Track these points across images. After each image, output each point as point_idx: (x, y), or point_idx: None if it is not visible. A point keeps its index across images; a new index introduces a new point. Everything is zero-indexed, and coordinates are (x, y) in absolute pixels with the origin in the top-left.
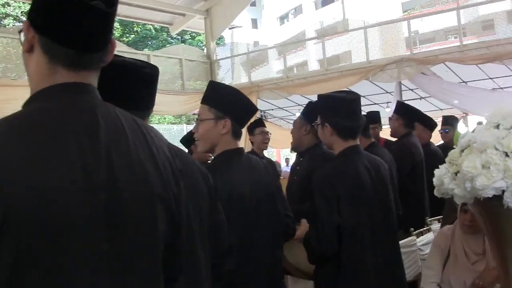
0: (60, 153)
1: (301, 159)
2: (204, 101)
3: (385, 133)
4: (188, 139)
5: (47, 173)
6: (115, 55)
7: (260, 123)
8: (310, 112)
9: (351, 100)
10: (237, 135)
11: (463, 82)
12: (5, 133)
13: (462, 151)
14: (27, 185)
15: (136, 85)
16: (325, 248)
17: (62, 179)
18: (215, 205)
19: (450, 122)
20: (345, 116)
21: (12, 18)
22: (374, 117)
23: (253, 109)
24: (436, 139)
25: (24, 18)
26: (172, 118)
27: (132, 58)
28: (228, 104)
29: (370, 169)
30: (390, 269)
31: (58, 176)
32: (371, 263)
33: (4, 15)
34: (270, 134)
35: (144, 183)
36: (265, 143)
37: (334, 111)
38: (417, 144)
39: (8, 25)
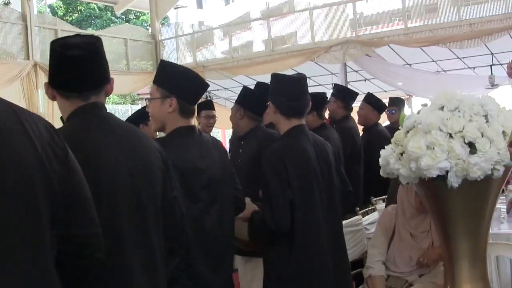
0: None
1: (242, 142)
2: (154, 81)
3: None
4: (133, 119)
5: None
6: (66, 37)
7: (206, 105)
8: (243, 96)
9: (296, 79)
10: (186, 113)
11: (407, 64)
12: None
13: (408, 132)
14: None
15: (63, 68)
16: (280, 224)
17: None
18: (170, 181)
19: (396, 103)
20: (289, 96)
21: None
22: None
23: (202, 87)
24: (382, 120)
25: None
26: (117, 98)
27: (75, 35)
28: (174, 83)
29: (315, 148)
30: (338, 243)
31: None
32: (323, 238)
33: None
34: (216, 118)
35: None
36: (208, 126)
37: (279, 90)
38: (356, 127)
39: None
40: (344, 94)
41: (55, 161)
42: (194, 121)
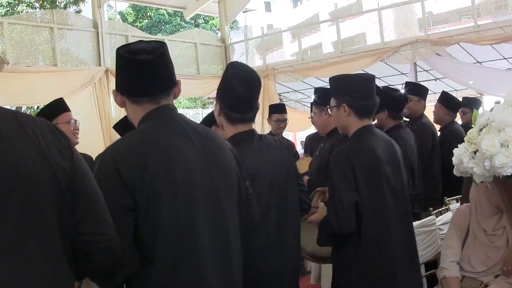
0: None
1: (324, 138)
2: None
3: None
4: (206, 122)
5: None
6: (127, 44)
7: (277, 109)
8: (322, 96)
9: (367, 79)
10: (232, 120)
11: (478, 62)
12: None
13: (481, 130)
14: None
15: (132, 74)
16: (343, 226)
17: None
18: (244, 180)
19: (467, 104)
20: (362, 96)
21: (26, 5)
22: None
23: (241, 97)
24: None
25: (37, 5)
26: (188, 102)
27: (138, 42)
28: (220, 90)
29: (384, 148)
30: (410, 243)
31: None
32: (390, 240)
33: (17, 2)
34: (287, 121)
35: (19, 164)
36: (279, 129)
37: (351, 91)
38: (433, 124)
39: (21, 11)
40: (425, 93)
41: (62, 161)
42: (253, 124)
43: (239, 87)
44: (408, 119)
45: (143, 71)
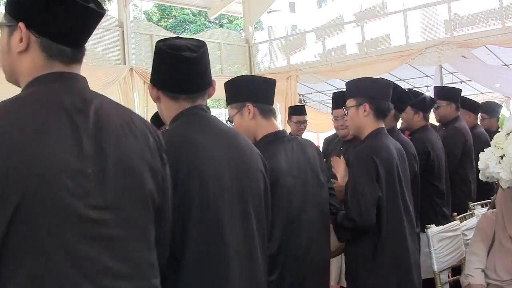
0: (58, 127)
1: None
2: (227, 103)
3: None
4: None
5: (47, 145)
6: (168, 38)
7: (297, 110)
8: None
9: (386, 83)
10: (267, 114)
11: (505, 65)
12: (11, 112)
13: (508, 134)
14: (31, 155)
15: (174, 69)
16: (366, 219)
17: (56, 152)
18: (268, 188)
19: (486, 110)
20: (381, 98)
21: None
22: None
23: (267, 81)
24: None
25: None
26: (211, 102)
27: (176, 37)
28: (239, 92)
29: (395, 149)
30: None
31: (53, 148)
32: (406, 232)
33: None
34: (307, 123)
35: (128, 159)
36: (299, 131)
37: (372, 92)
38: (468, 128)
39: None
40: (456, 95)
41: (159, 162)
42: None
43: (261, 79)
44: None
45: (185, 67)
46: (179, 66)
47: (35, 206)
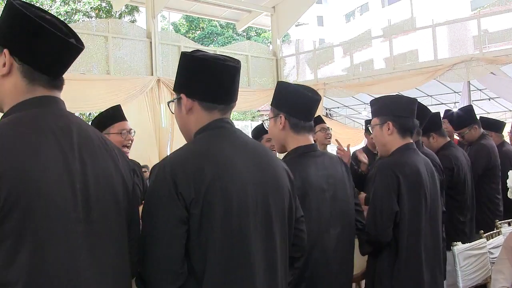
0: (47, 148)
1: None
2: (271, 101)
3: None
4: (255, 135)
5: (37, 164)
6: (195, 50)
7: (318, 120)
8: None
9: (409, 100)
10: (298, 130)
11: None
12: (4, 136)
13: None
14: (21, 172)
15: (217, 78)
16: (380, 234)
17: (49, 170)
18: (295, 200)
19: None
20: (405, 115)
21: (82, 14)
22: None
23: (311, 98)
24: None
25: (93, 14)
26: (237, 114)
27: (215, 54)
28: (282, 101)
29: (424, 166)
30: (436, 262)
31: (46, 166)
32: (424, 252)
33: (74, 11)
34: (331, 129)
35: (107, 176)
36: (327, 139)
37: (395, 110)
38: (494, 146)
39: (77, 21)
40: (472, 116)
41: (130, 182)
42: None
43: (308, 90)
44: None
45: (228, 77)
46: (223, 76)
47: (29, 220)
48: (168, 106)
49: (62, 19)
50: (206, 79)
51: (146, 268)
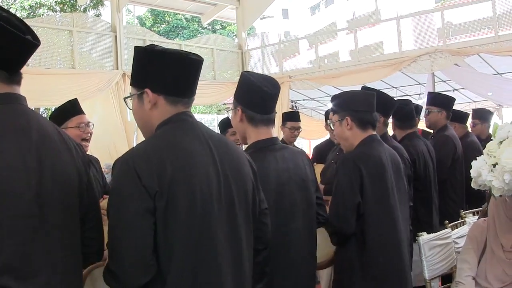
0: (7, 148)
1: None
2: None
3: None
4: (221, 127)
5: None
6: (152, 45)
7: (292, 116)
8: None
9: (368, 94)
10: (255, 123)
11: (498, 73)
12: None
13: (501, 142)
14: None
15: (181, 72)
16: (343, 226)
17: (8, 168)
18: (259, 192)
19: (478, 115)
20: (363, 110)
21: (47, 8)
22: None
23: (266, 92)
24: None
25: (58, 8)
26: (203, 107)
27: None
28: (240, 94)
29: (388, 157)
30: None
31: (5, 164)
32: (393, 242)
33: (38, 5)
34: (301, 129)
35: (63, 171)
36: (292, 137)
37: (353, 105)
38: (457, 137)
39: (42, 15)
40: (448, 103)
41: (85, 174)
42: (274, 131)
43: (265, 84)
44: (431, 131)
45: (191, 70)
46: (190, 69)
47: None
48: (125, 102)
49: (26, 13)
50: (172, 73)
51: (115, 260)
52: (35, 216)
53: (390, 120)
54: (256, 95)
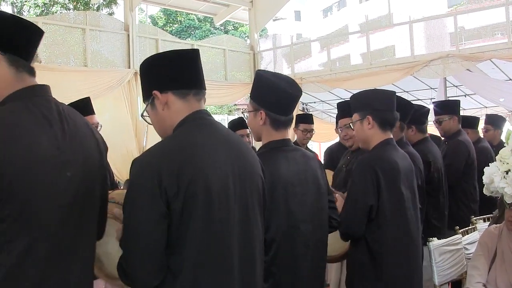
0: (44, 135)
1: (351, 151)
2: (250, 93)
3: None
4: (232, 128)
5: (36, 150)
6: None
7: (305, 119)
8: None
9: (388, 93)
10: (277, 126)
11: (510, 79)
12: (9, 126)
13: None
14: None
15: (177, 66)
16: (351, 228)
17: (45, 156)
18: (265, 194)
19: (491, 121)
20: (384, 109)
21: (60, 6)
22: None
23: (291, 94)
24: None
25: (71, 6)
26: (214, 108)
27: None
28: (262, 96)
29: (402, 161)
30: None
31: (43, 153)
32: (406, 247)
33: (52, 3)
34: (314, 132)
35: (91, 161)
36: (305, 139)
37: (374, 104)
38: (471, 142)
39: (55, 12)
40: (455, 107)
41: (106, 168)
42: (289, 133)
43: (286, 86)
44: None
45: (189, 62)
46: (184, 62)
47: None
48: (144, 119)
49: (39, 10)
50: (173, 68)
51: (128, 260)
52: (69, 205)
53: None
54: (281, 98)
